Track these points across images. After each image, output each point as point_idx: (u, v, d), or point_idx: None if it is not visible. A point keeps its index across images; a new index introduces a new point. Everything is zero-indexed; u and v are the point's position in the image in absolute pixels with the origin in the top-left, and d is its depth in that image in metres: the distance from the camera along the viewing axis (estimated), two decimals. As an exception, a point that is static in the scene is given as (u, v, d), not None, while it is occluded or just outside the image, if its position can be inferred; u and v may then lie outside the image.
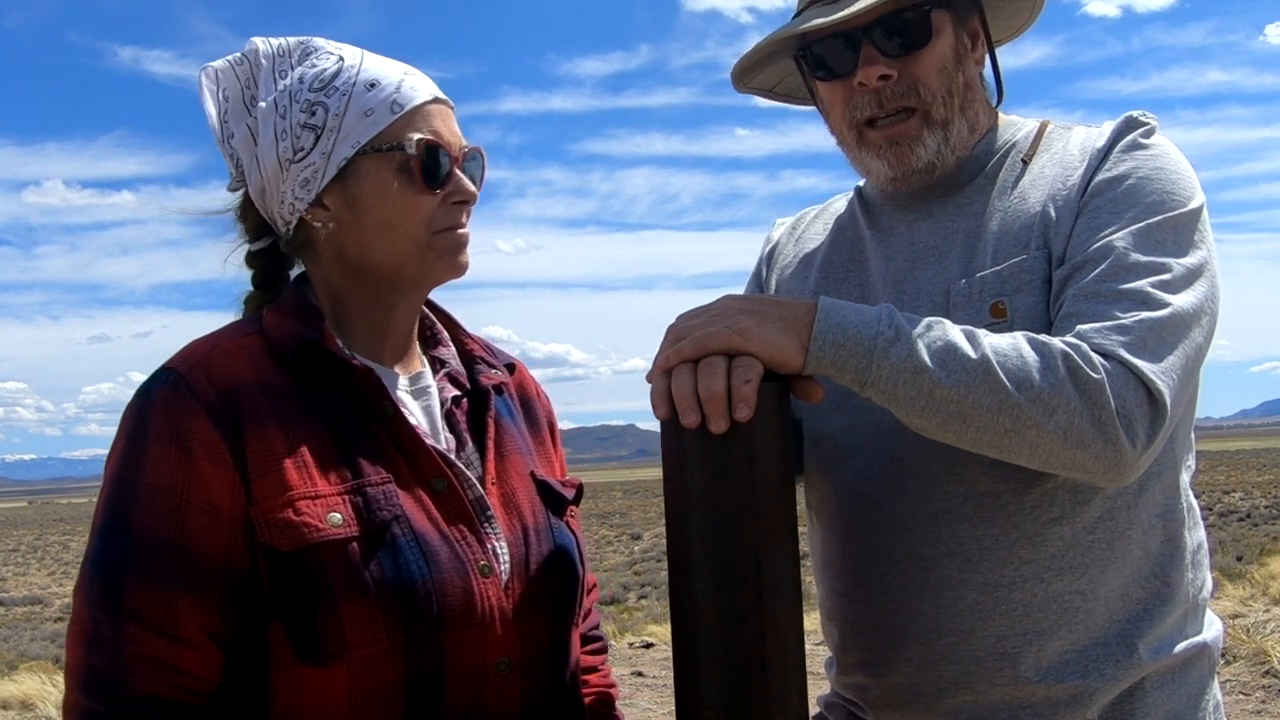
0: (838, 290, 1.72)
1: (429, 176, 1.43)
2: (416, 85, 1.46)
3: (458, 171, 1.46)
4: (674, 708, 1.37)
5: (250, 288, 1.56)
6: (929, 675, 1.53)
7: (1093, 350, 1.35)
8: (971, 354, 1.34)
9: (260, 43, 1.51)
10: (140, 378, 1.40)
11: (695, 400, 1.29)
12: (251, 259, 1.56)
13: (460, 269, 1.49)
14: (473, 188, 1.47)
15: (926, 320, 1.37)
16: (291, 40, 1.51)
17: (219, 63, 1.54)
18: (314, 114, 1.44)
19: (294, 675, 1.32)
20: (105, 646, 1.28)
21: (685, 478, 1.34)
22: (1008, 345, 1.36)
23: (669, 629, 1.41)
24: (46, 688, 8.51)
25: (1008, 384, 1.33)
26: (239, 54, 1.53)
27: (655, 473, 1.50)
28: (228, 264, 1.57)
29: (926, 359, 1.33)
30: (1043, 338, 1.37)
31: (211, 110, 1.53)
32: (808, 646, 1.40)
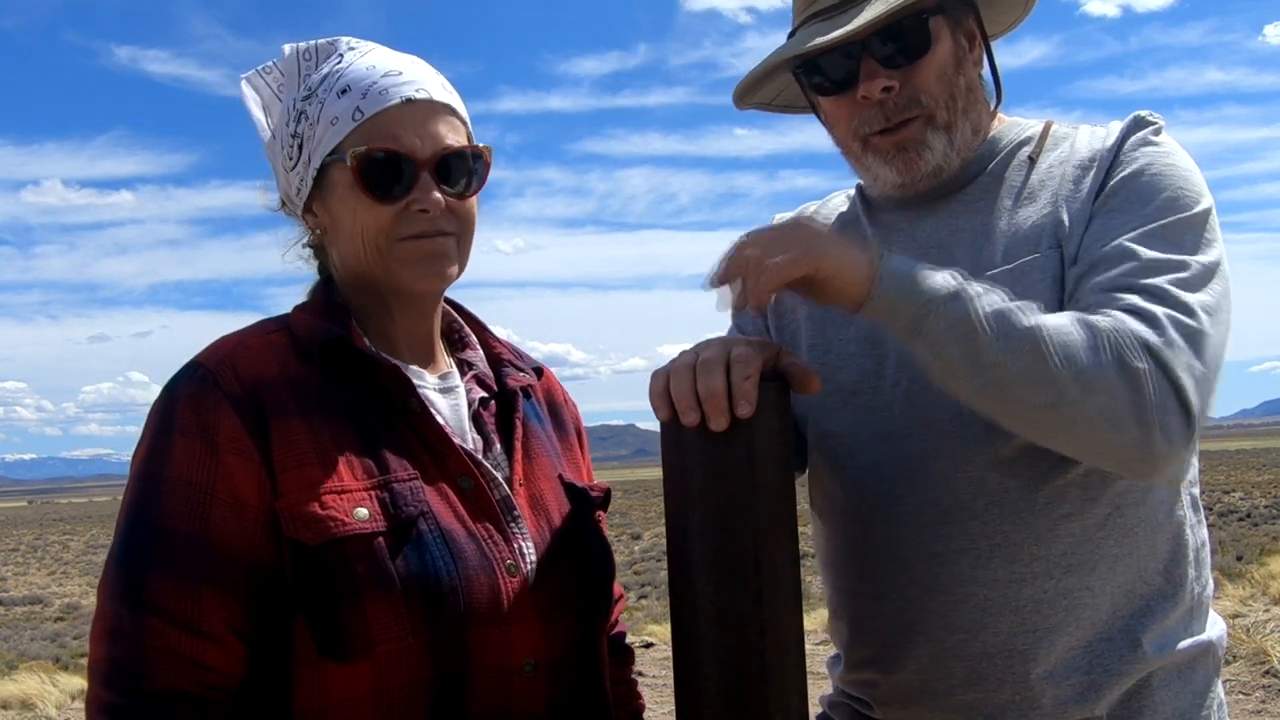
0: None
1: (375, 188, 1.39)
2: (389, 88, 1.41)
3: (426, 177, 1.40)
4: (674, 708, 1.37)
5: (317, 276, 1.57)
6: (938, 672, 1.54)
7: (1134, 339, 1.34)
8: (1024, 322, 1.33)
9: (288, 48, 1.51)
10: (140, 377, 1.42)
11: (695, 399, 1.29)
12: (315, 252, 1.57)
13: (431, 278, 1.45)
14: (436, 196, 1.40)
15: (985, 285, 1.36)
16: (321, 42, 1.50)
17: (252, 72, 1.56)
18: (299, 122, 1.44)
19: (318, 671, 1.31)
20: (127, 640, 1.27)
21: (685, 478, 1.34)
22: (1058, 321, 1.35)
23: (669, 629, 1.41)
24: (46, 688, 8.52)
25: (1055, 357, 1.31)
26: (271, 62, 1.55)
27: (655, 473, 1.50)
28: (228, 263, 1.58)
29: (982, 318, 1.32)
30: (1092, 318, 1.36)
31: (258, 116, 1.55)
32: (808, 646, 1.40)
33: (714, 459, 1.31)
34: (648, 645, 9.30)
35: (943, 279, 1.34)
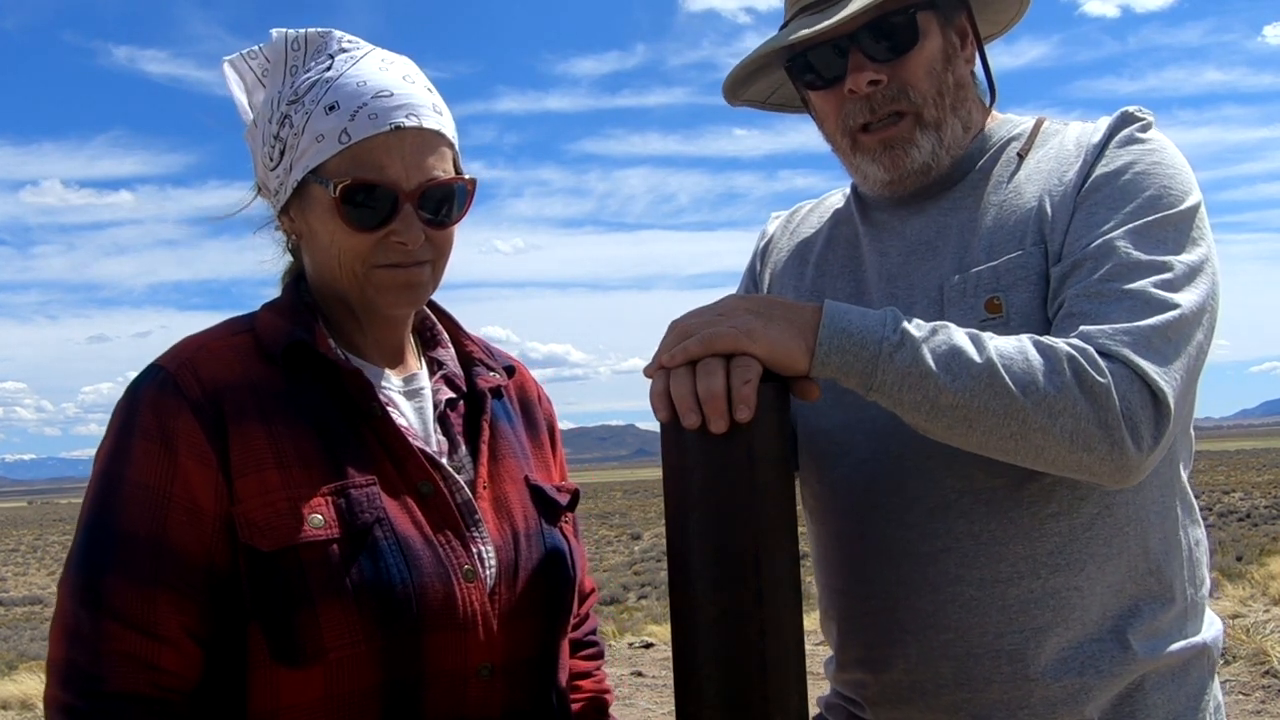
0: (833, 286, 1.72)
1: (354, 220, 1.38)
2: (378, 112, 1.38)
3: (408, 209, 1.39)
4: (674, 708, 1.37)
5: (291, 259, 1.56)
6: (927, 672, 1.53)
7: (1098, 352, 1.35)
8: (976, 358, 1.33)
9: (275, 33, 1.48)
10: (140, 377, 1.41)
11: (695, 401, 1.29)
12: (290, 245, 1.56)
13: (404, 304, 1.45)
14: (416, 230, 1.39)
15: (932, 324, 1.37)
16: (311, 33, 1.47)
17: (236, 55, 1.53)
18: (283, 126, 1.42)
19: (271, 676, 1.32)
20: (84, 642, 1.28)
21: (685, 478, 1.33)
22: (1013, 349, 1.35)
23: (669, 629, 1.41)
24: (46, 688, 8.51)
25: (1013, 388, 1.32)
26: (257, 46, 1.52)
27: (655, 473, 1.49)
28: (227, 264, 1.58)
29: (931, 364, 1.33)
30: (1048, 340, 1.37)
31: (240, 99, 1.53)
32: (808, 646, 1.40)
33: (714, 459, 1.31)
34: (648, 645, 9.30)
35: (887, 328, 1.34)
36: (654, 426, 1.42)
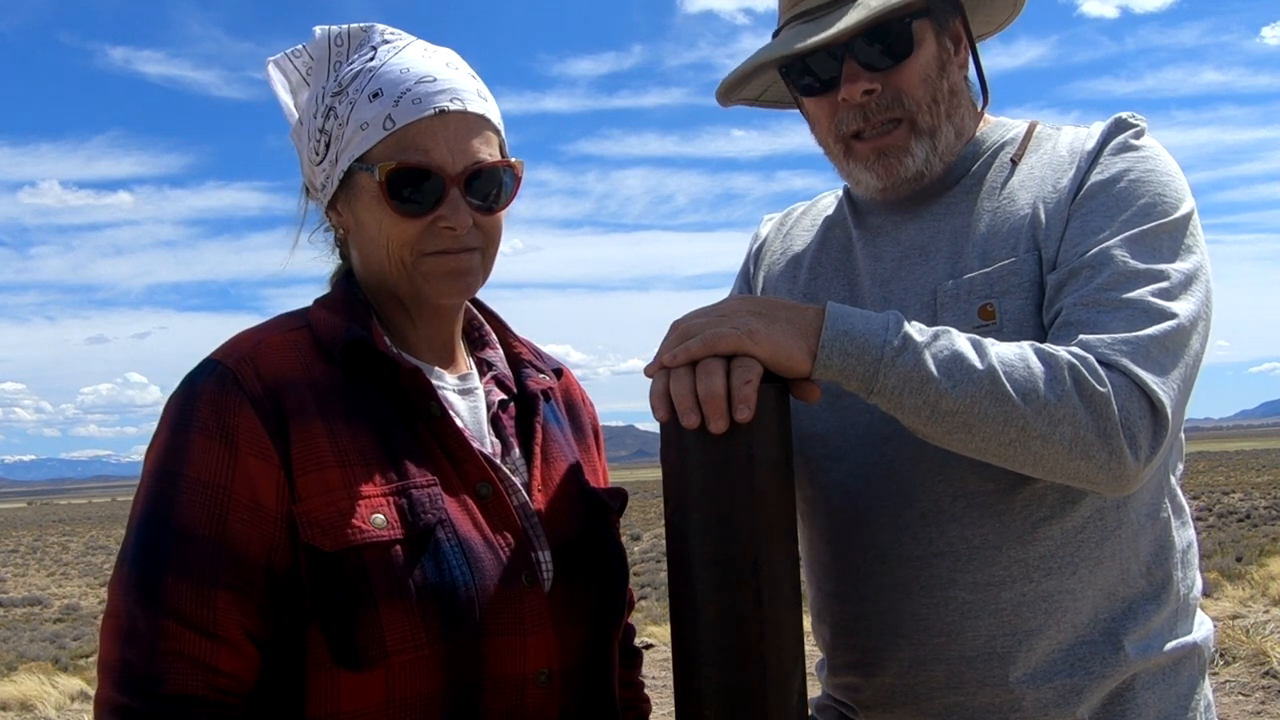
0: (826, 289, 1.72)
1: (402, 203, 1.37)
2: (422, 97, 1.38)
3: (455, 193, 1.38)
4: (674, 708, 1.37)
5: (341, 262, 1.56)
6: (919, 675, 1.54)
7: (1098, 361, 1.35)
8: (978, 364, 1.33)
9: (319, 30, 1.47)
10: (139, 379, 1.41)
11: (695, 401, 1.29)
12: (338, 242, 1.55)
13: (454, 294, 1.43)
14: (463, 214, 1.38)
15: (934, 329, 1.37)
16: (354, 28, 1.47)
17: (280, 55, 1.53)
18: (328, 119, 1.42)
19: (331, 679, 1.30)
20: (141, 641, 1.26)
21: (685, 478, 1.33)
22: (1014, 356, 1.36)
23: (669, 629, 1.41)
24: (45, 688, 8.52)
25: (1014, 395, 1.32)
26: (301, 45, 1.51)
27: (655, 473, 1.49)
28: (225, 264, 1.57)
29: (933, 369, 1.33)
30: (1049, 348, 1.37)
31: (285, 99, 1.52)
32: (807, 647, 1.40)
33: (713, 460, 1.31)
34: (647, 646, 9.32)
35: (889, 331, 1.34)
36: (654, 427, 1.41)
